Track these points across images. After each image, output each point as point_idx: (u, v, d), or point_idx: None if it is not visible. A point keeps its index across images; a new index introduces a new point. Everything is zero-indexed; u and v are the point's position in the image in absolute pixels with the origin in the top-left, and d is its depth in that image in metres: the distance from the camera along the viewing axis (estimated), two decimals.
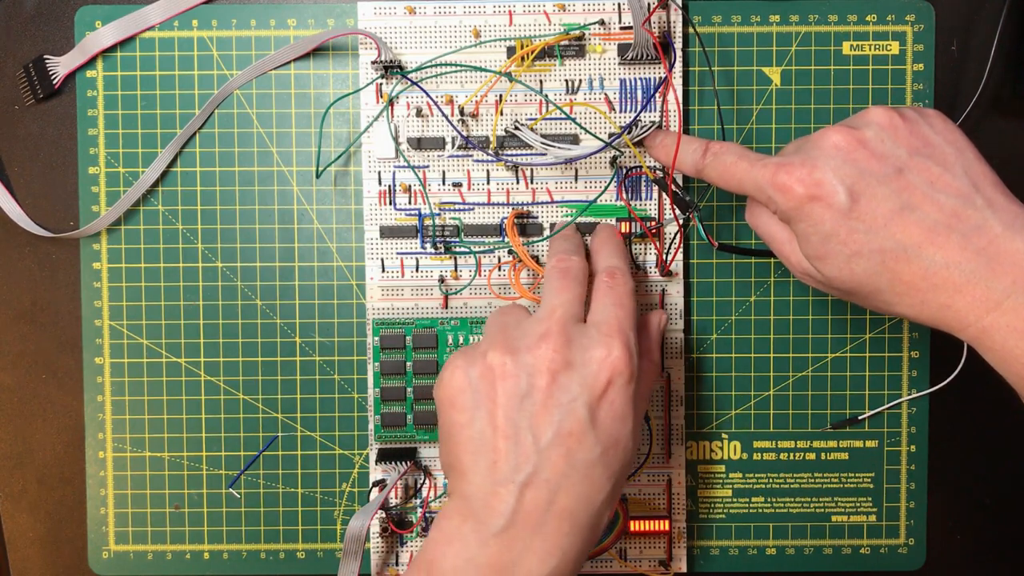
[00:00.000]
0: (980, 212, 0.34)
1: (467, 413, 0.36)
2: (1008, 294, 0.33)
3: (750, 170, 0.38)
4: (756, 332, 0.47)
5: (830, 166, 0.36)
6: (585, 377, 0.36)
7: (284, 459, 0.47)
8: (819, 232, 0.36)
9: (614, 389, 0.36)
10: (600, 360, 0.36)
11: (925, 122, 0.36)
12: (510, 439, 0.35)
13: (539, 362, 0.36)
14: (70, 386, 0.47)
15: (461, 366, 0.37)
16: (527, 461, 0.35)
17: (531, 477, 0.35)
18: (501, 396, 0.36)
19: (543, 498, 0.35)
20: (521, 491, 0.35)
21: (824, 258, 0.36)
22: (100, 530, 0.47)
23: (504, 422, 0.36)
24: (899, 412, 0.47)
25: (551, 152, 0.44)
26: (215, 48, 0.46)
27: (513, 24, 0.45)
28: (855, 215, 0.35)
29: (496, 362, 0.36)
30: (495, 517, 0.35)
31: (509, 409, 0.36)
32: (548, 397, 0.35)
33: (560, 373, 0.36)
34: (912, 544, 0.47)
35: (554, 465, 0.35)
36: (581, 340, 0.37)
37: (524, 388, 0.36)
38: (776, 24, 0.46)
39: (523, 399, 0.36)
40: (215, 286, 0.47)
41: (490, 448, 0.36)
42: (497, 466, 0.35)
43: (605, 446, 0.36)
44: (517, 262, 0.45)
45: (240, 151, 0.46)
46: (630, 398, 0.36)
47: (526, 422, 0.35)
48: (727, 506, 0.47)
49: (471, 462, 0.36)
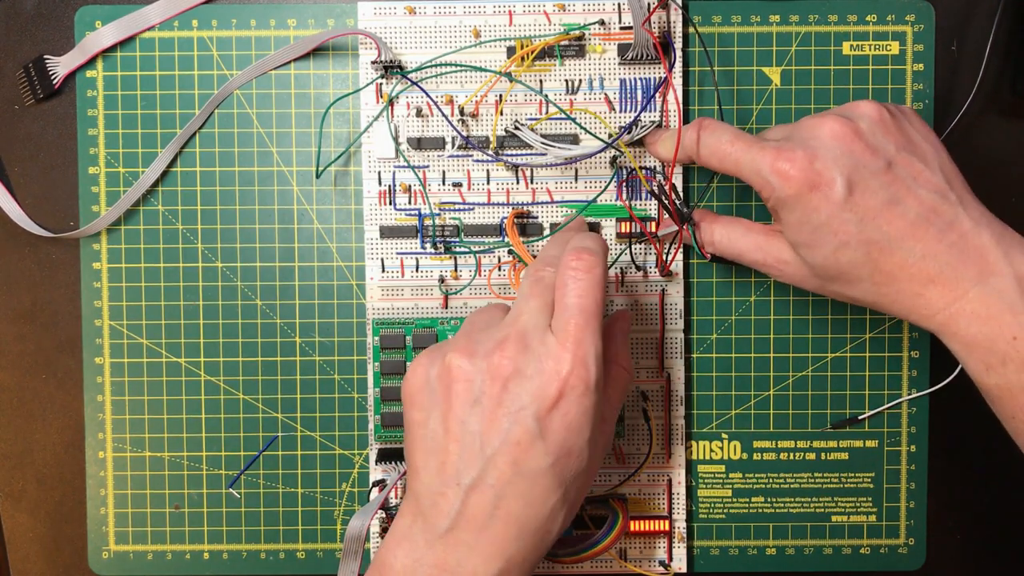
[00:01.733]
0: (953, 208, 0.37)
1: (424, 412, 0.36)
2: (973, 284, 0.36)
3: (748, 151, 0.38)
4: (756, 332, 0.47)
5: (830, 156, 0.37)
6: (536, 388, 0.35)
7: (284, 459, 0.47)
8: (812, 221, 0.37)
9: (567, 401, 0.35)
10: (551, 372, 0.35)
11: (905, 119, 0.38)
12: (459, 442, 0.35)
13: (492, 368, 0.36)
14: (70, 386, 0.47)
15: (424, 364, 0.37)
16: (473, 465, 0.35)
17: (476, 481, 0.35)
18: (454, 399, 0.36)
19: (487, 502, 0.35)
20: (466, 494, 0.35)
21: (812, 246, 0.38)
22: (100, 530, 0.47)
23: (455, 425, 0.36)
24: (899, 412, 0.47)
25: (551, 152, 0.44)
26: (215, 48, 0.46)
27: (513, 24, 0.45)
28: (849, 206, 0.36)
29: (454, 364, 0.36)
30: (441, 518, 0.35)
31: (461, 412, 0.36)
32: (497, 405, 0.35)
33: (511, 381, 0.35)
34: (912, 544, 0.47)
35: (500, 472, 0.35)
36: (538, 349, 0.36)
37: (476, 393, 0.36)
38: (776, 24, 0.46)
39: (474, 404, 0.36)
40: (215, 286, 0.47)
41: (441, 449, 0.36)
42: (445, 468, 0.35)
43: (556, 456, 0.35)
44: (517, 262, 0.45)
45: (240, 151, 0.46)
46: (587, 409, 0.35)
47: (476, 427, 0.35)
48: (727, 506, 0.47)
49: (423, 461, 0.36)
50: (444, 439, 0.36)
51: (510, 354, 0.35)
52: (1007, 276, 0.35)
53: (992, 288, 0.36)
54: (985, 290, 0.36)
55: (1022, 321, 0.35)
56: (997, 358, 0.36)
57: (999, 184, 0.47)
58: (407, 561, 0.35)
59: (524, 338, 0.36)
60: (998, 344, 0.35)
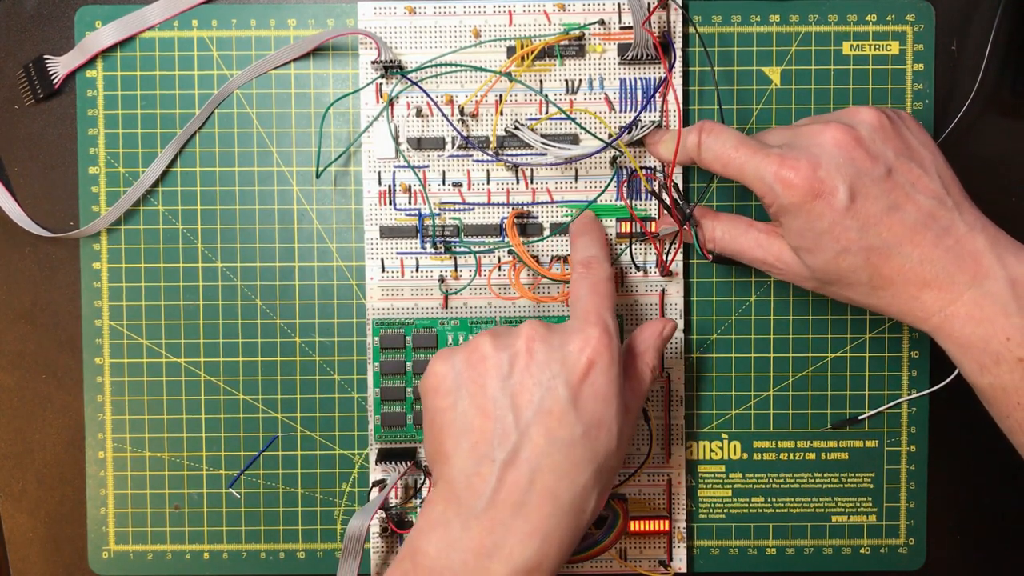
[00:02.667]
0: (950, 213, 0.37)
1: (450, 397, 0.37)
2: (968, 287, 0.36)
3: (752, 158, 0.38)
4: (756, 332, 0.47)
5: (833, 164, 0.37)
6: (565, 357, 0.36)
7: (284, 459, 0.47)
8: (814, 228, 0.37)
9: (595, 371, 0.36)
10: (580, 344, 0.36)
11: (903, 124, 0.39)
12: (491, 418, 0.36)
13: (519, 343, 0.36)
14: (70, 386, 0.47)
15: (445, 356, 0.37)
16: (508, 439, 0.35)
17: (512, 456, 0.35)
18: (483, 378, 0.36)
19: (523, 478, 0.35)
20: (502, 470, 0.35)
21: (813, 251, 0.38)
22: (100, 530, 0.47)
23: (486, 402, 0.36)
24: (899, 412, 0.47)
25: (551, 152, 0.44)
26: (215, 48, 0.46)
27: (513, 24, 0.45)
28: (851, 213, 0.37)
29: (479, 346, 0.37)
30: (476, 498, 0.35)
31: (491, 389, 0.36)
32: (527, 375, 0.36)
33: (539, 352, 0.36)
34: (912, 544, 0.47)
35: (534, 443, 0.35)
36: (560, 329, 0.37)
37: (505, 369, 0.36)
38: (776, 24, 0.46)
39: (504, 380, 0.36)
40: (215, 286, 0.47)
41: (472, 429, 0.36)
42: (478, 446, 0.35)
43: (587, 426, 0.35)
44: (517, 262, 0.45)
45: (240, 151, 0.46)
46: (613, 380, 0.36)
47: (507, 401, 0.36)
48: (727, 506, 0.47)
49: (453, 445, 0.36)
50: (477, 418, 0.36)
51: (536, 334, 0.37)
52: (1000, 279, 0.36)
53: (986, 291, 0.36)
54: (979, 293, 0.36)
55: (1015, 322, 0.36)
56: (991, 358, 0.36)
57: (999, 184, 0.47)
58: (441, 546, 0.35)
59: (544, 323, 0.37)
60: (992, 345, 0.36)
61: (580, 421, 0.35)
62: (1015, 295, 0.36)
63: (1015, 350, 0.36)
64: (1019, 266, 0.36)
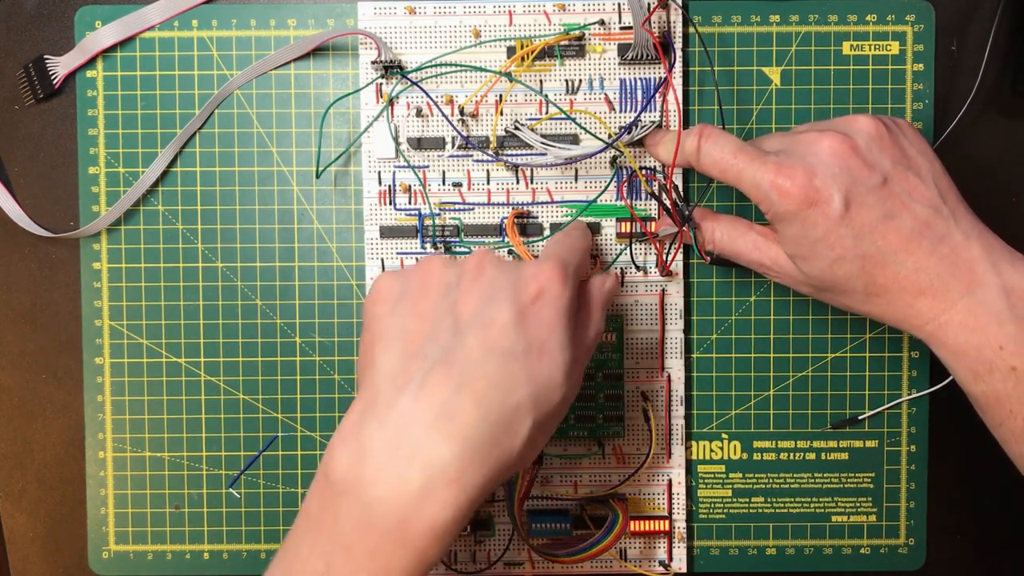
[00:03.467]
0: (945, 221, 0.37)
1: (389, 304, 0.36)
2: (962, 295, 0.37)
3: (749, 166, 0.39)
4: (756, 332, 0.47)
5: (829, 173, 0.37)
6: (516, 280, 0.35)
7: (284, 459, 0.47)
8: (810, 236, 0.38)
9: (545, 299, 0.34)
10: (532, 272, 0.35)
11: (901, 133, 0.39)
12: (428, 321, 0.34)
13: (470, 263, 0.36)
14: (70, 386, 0.47)
15: (391, 272, 0.37)
16: (441, 340, 0.34)
17: (444, 356, 0.33)
18: (427, 288, 0.35)
19: (452, 379, 0.32)
20: (431, 368, 0.33)
21: (808, 259, 0.38)
22: (100, 530, 0.47)
23: (426, 306, 0.35)
24: (899, 412, 0.47)
25: (551, 152, 0.44)
26: (215, 48, 0.46)
27: (513, 24, 0.45)
28: (846, 222, 0.37)
29: (429, 264, 0.36)
30: (397, 393, 0.33)
31: (433, 297, 0.35)
32: (474, 287, 0.35)
33: (489, 271, 0.35)
34: (912, 544, 0.47)
35: (469, 349, 0.33)
36: (517, 263, 0.36)
37: (452, 282, 0.35)
38: (776, 24, 0.46)
39: (448, 290, 0.35)
40: (215, 286, 0.47)
41: (407, 332, 0.34)
42: (410, 347, 0.34)
43: (528, 344, 0.33)
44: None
45: (240, 151, 0.46)
46: (562, 312, 0.34)
47: (447, 307, 0.34)
48: (727, 506, 0.47)
49: (384, 348, 0.34)
50: (413, 321, 0.35)
51: (489, 257, 0.36)
52: (994, 287, 0.36)
53: (980, 299, 0.36)
54: (973, 301, 0.36)
55: (1008, 331, 0.36)
56: (984, 366, 0.36)
57: (999, 184, 0.47)
58: (354, 454, 0.32)
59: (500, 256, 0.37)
60: (985, 353, 0.36)
61: (522, 338, 0.33)
62: (1009, 303, 0.36)
63: (1008, 358, 0.36)
64: (1014, 274, 0.36)
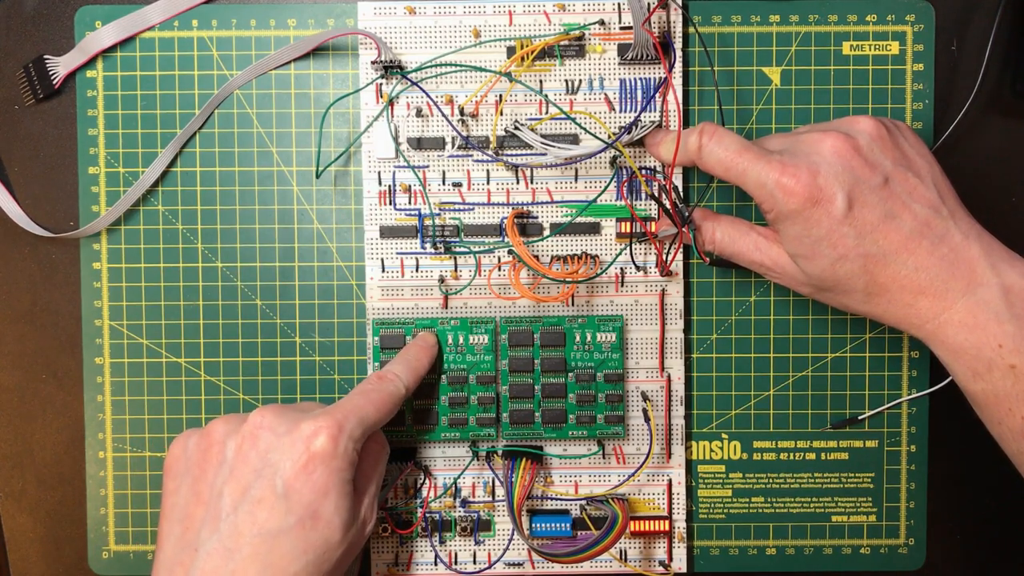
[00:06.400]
0: (945, 222, 0.38)
1: (175, 481, 0.37)
2: (962, 295, 0.37)
3: (754, 164, 0.39)
4: (756, 332, 0.47)
5: (832, 172, 0.38)
6: (288, 447, 0.36)
7: None
8: (812, 235, 0.38)
9: (315, 463, 0.36)
10: (308, 434, 0.36)
11: (901, 134, 0.39)
12: (205, 505, 0.36)
13: (245, 427, 0.37)
14: (70, 386, 0.47)
15: (182, 438, 0.38)
16: (214, 527, 0.35)
17: (215, 544, 0.35)
18: (206, 463, 0.37)
19: (221, 564, 0.34)
20: (203, 559, 0.35)
21: (810, 258, 0.39)
22: (100, 530, 0.47)
23: (204, 488, 0.36)
24: (899, 412, 0.47)
25: (551, 152, 0.44)
26: (215, 48, 0.46)
27: (513, 24, 0.45)
28: (848, 221, 0.37)
29: (212, 431, 0.37)
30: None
31: (211, 476, 0.36)
32: (245, 462, 0.36)
33: (262, 439, 0.36)
34: (912, 544, 0.47)
35: (239, 532, 0.35)
36: (295, 416, 0.37)
37: (229, 455, 0.36)
38: (776, 24, 0.46)
39: (222, 465, 0.36)
40: (215, 286, 0.47)
41: (187, 516, 0.36)
42: (187, 534, 0.36)
43: (301, 516, 0.35)
44: (517, 262, 0.45)
45: (240, 151, 0.46)
46: (334, 473, 0.36)
47: (222, 488, 0.36)
48: (727, 506, 0.47)
49: (168, 530, 0.36)
50: (192, 505, 0.36)
51: (264, 421, 0.37)
52: (993, 287, 0.37)
53: (979, 298, 0.37)
54: (972, 300, 0.37)
55: (1007, 329, 0.36)
56: (983, 365, 0.37)
57: (999, 184, 0.47)
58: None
59: (280, 409, 0.37)
60: (984, 351, 0.36)
61: (292, 512, 0.35)
62: (1008, 303, 0.36)
63: (1007, 357, 0.36)
64: (1012, 274, 0.37)
